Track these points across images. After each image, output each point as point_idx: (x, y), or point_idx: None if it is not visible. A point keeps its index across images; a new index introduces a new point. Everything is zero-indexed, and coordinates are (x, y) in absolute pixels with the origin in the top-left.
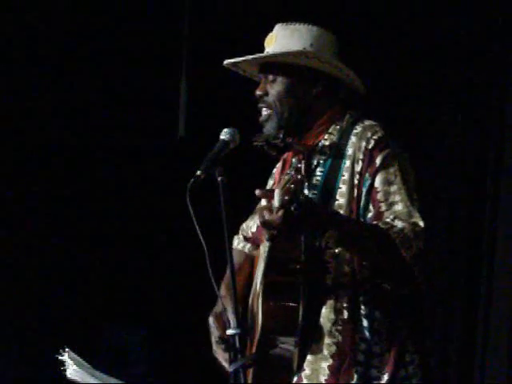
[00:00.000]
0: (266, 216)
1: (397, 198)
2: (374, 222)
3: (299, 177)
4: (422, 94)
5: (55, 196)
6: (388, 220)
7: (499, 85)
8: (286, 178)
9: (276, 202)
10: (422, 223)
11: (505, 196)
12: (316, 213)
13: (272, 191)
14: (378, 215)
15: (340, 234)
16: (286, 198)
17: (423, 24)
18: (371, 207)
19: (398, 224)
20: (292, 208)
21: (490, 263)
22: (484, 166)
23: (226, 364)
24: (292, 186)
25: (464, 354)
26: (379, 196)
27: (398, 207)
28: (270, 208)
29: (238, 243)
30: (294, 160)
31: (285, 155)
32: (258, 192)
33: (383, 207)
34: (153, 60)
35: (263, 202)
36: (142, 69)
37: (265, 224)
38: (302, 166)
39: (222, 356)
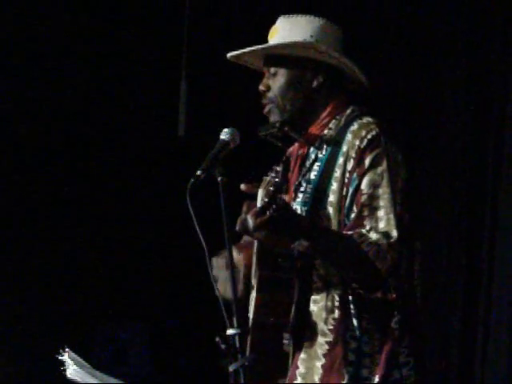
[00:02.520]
0: (247, 216)
1: (380, 203)
2: (350, 232)
3: (277, 180)
4: (420, 97)
5: (54, 195)
6: (364, 231)
7: (499, 85)
8: (268, 179)
9: (258, 203)
10: (395, 233)
11: (504, 195)
12: (290, 218)
13: (257, 186)
14: (360, 219)
15: (311, 243)
16: (266, 199)
17: (423, 22)
18: (355, 208)
19: (373, 236)
20: (270, 211)
21: (490, 263)
22: (484, 165)
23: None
24: (271, 188)
25: (464, 353)
26: (363, 199)
27: (380, 213)
28: (252, 207)
29: None
30: (299, 152)
31: (291, 148)
32: (242, 187)
33: (365, 212)
34: (153, 60)
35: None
36: (142, 69)
37: (244, 224)
38: (280, 168)
39: (221, 282)
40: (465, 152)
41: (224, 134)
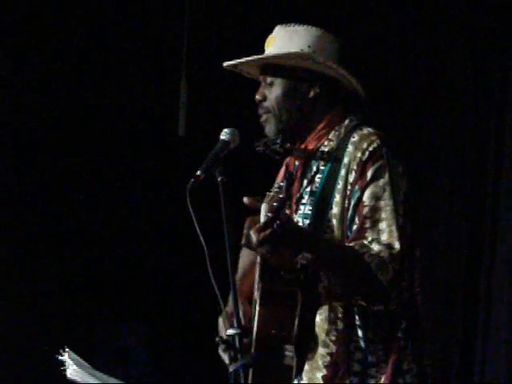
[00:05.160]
0: (250, 232)
1: (382, 215)
2: (352, 243)
3: (281, 196)
4: (420, 95)
5: (54, 195)
6: (366, 242)
7: (499, 85)
8: (271, 194)
9: (261, 218)
10: (397, 245)
11: (505, 194)
12: (294, 233)
13: (259, 200)
14: (362, 231)
15: (314, 255)
16: (270, 215)
17: (423, 23)
18: (357, 220)
19: (375, 247)
20: (274, 226)
21: (490, 263)
22: (484, 164)
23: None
24: (275, 204)
25: (464, 354)
26: (365, 211)
27: (382, 225)
28: (255, 222)
29: None
30: (296, 163)
31: (287, 159)
32: (245, 200)
33: (367, 223)
34: (153, 60)
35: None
36: (142, 69)
37: (248, 239)
38: (284, 184)
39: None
40: (465, 152)
41: (224, 134)
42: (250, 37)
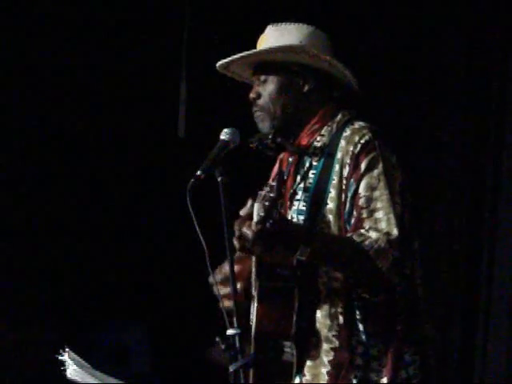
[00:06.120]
0: (243, 229)
1: (378, 204)
2: (349, 234)
3: (272, 195)
4: (420, 92)
5: (55, 194)
6: (363, 231)
7: (499, 83)
8: (263, 193)
9: (254, 217)
10: (395, 231)
11: (505, 192)
12: (288, 230)
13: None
14: (360, 221)
15: (312, 249)
16: (262, 214)
17: (422, 20)
18: (354, 212)
19: (373, 235)
20: (267, 224)
21: (490, 262)
22: (483, 162)
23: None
24: (266, 203)
25: (464, 353)
26: (361, 202)
27: (379, 214)
28: (246, 221)
29: None
30: (290, 159)
31: (281, 155)
32: (242, 212)
33: (364, 214)
34: (153, 60)
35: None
36: (141, 69)
37: (240, 237)
38: (275, 184)
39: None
40: (465, 152)
41: (224, 134)
42: (250, 37)
